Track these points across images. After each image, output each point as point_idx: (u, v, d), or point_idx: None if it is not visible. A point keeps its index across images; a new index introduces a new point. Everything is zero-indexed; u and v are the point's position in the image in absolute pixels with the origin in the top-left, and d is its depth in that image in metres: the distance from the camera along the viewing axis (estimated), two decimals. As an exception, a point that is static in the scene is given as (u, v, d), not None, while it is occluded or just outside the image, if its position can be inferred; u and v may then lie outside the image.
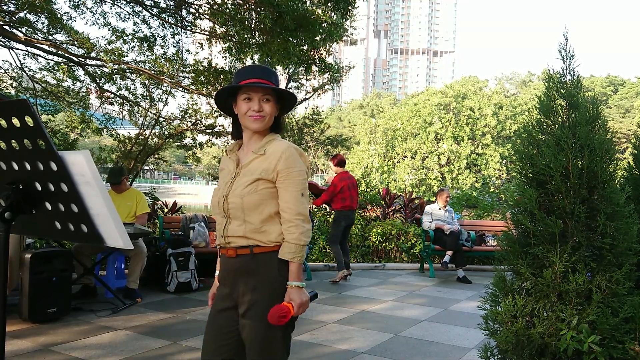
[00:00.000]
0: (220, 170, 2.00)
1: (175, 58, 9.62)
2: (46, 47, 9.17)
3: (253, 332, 1.79)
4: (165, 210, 8.70)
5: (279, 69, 10.17)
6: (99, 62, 9.52)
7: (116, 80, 10.13)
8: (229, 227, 1.84)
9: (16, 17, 8.61)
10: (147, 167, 18.52)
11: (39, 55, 9.81)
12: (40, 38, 9.24)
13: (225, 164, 1.97)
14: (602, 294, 2.12)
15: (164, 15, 9.41)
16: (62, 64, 9.98)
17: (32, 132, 1.32)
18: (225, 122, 10.89)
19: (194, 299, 5.25)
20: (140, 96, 10.65)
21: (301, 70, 9.09)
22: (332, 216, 7.04)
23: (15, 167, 1.43)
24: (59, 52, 9.34)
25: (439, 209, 7.51)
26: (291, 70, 9.32)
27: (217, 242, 1.92)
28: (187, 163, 12.76)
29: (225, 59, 9.25)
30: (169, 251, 5.56)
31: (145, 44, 9.54)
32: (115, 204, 2.79)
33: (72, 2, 9.41)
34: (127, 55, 9.57)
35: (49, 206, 1.44)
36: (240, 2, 7.86)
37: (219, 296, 1.92)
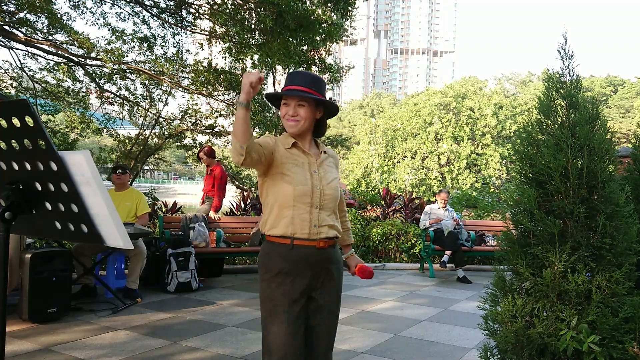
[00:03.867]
0: (283, 156, 1.99)
1: (175, 58, 9.62)
2: (46, 47, 9.18)
3: (332, 316, 2.08)
4: (164, 209, 8.70)
5: (279, 69, 10.17)
6: (99, 62, 9.52)
7: (116, 80, 10.14)
8: (320, 217, 2.00)
9: (16, 17, 8.62)
10: (147, 167, 18.50)
11: (39, 56, 9.82)
12: (40, 38, 9.25)
13: (292, 154, 2.02)
14: (601, 294, 2.12)
15: (164, 15, 9.41)
16: (62, 64, 9.99)
17: (32, 132, 1.32)
18: (225, 122, 10.89)
19: (194, 299, 5.25)
20: (140, 96, 10.66)
21: (301, 70, 9.10)
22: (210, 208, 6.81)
23: (15, 167, 1.43)
24: (59, 52, 9.35)
25: (439, 208, 7.53)
26: (291, 70, 9.31)
27: (298, 232, 1.95)
28: (187, 163, 12.77)
29: (225, 59, 9.25)
30: (169, 251, 5.56)
31: (145, 44, 9.55)
32: (115, 204, 2.79)
33: (72, 2, 9.42)
34: (127, 55, 9.58)
35: (49, 206, 1.45)
36: (240, 2, 7.86)
37: (292, 287, 1.97)
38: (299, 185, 1.95)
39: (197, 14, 9.26)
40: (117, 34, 9.39)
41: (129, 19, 9.66)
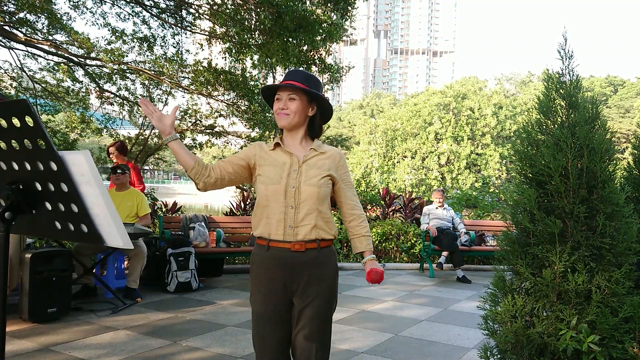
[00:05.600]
0: (261, 159, 2.05)
1: (175, 58, 9.62)
2: (46, 47, 9.17)
3: (317, 319, 1.95)
4: (164, 209, 8.70)
5: (279, 69, 10.17)
6: (98, 63, 9.52)
7: (116, 80, 10.12)
8: (298, 216, 1.93)
9: (16, 17, 8.61)
10: (147, 167, 18.50)
11: (39, 56, 9.81)
12: (40, 38, 9.24)
13: (272, 155, 2.04)
14: (601, 294, 2.12)
15: (163, 15, 9.41)
16: (62, 64, 9.97)
17: (32, 132, 1.32)
18: (225, 123, 10.88)
19: (194, 299, 5.25)
20: (140, 96, 10.64)
21: (297, 68, 9.08)
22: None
23: (15, 167, 1.43)
24: (59, 52, 9.34)
25: (436, 208, 7.54)
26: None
27: (273, 233, 1.95)
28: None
29: (225, 60, 9.25)
30: (169, 251, 5.56)
31: (145, 44, 9.54)
32: (115, 204, 2.79)
33: (72, 2, 9.41)
34: (127, 56, 9.57)
35: (49, 206, 1.45)
36: (240, 2, 7.86)
37: (267, 290, 1.97)
38: (270, 185, 1.97)
39: (197, 14, 9.26)
40: (117, 34, 9.38)
41: (129, 19, 9.65)
